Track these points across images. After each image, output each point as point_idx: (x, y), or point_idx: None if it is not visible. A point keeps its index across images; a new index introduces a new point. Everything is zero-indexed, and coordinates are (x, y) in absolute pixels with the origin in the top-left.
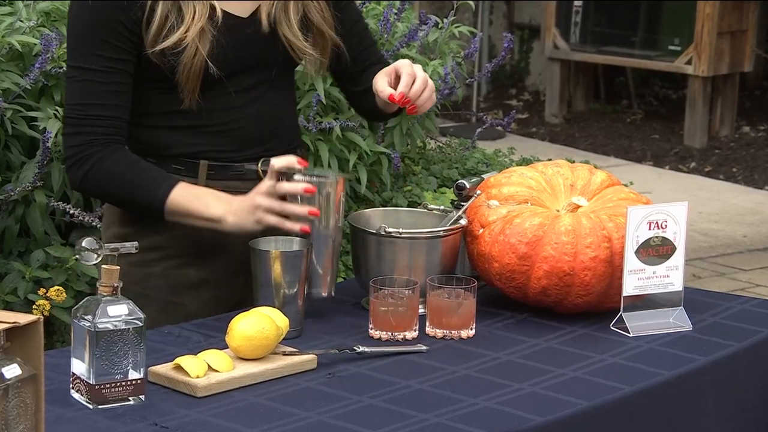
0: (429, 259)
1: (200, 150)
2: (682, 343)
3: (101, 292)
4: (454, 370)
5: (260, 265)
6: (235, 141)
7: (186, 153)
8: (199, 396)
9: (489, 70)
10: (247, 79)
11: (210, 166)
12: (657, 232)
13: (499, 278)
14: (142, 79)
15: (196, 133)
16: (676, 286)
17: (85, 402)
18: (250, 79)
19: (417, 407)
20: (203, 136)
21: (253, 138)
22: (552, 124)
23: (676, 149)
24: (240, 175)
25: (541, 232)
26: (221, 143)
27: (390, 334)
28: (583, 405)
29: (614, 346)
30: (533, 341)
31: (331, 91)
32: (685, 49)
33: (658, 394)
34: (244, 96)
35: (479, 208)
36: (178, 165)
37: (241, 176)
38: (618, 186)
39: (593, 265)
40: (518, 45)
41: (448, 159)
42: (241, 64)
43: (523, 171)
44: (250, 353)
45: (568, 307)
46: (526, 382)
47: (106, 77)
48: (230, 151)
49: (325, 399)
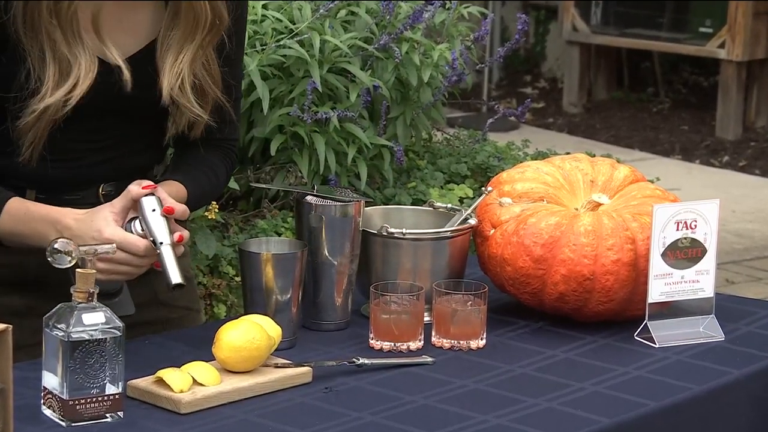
0: (435, 263)
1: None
2: (713, 354)
3: (76, 298)
4: (462, 384)
5: (250, 269)
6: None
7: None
8: (183, 412)
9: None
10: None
11: (37, 197)
12: (686, 232)
13: (512, 283)
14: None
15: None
16: (706, 291)
17: (58, 419)
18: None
19: (422, 425)
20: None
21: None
22: (570, 114)
23: (707, 142)
24: (74, 200)
25: (559, 232)
26: (53, 174)
27: (392, 345)
28: (605, 422)
29: (639, 357)
30: (550, 352)
31: (327, 78)
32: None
33: (686, 410)
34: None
35: (490, 206)
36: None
37: (76, 201)
38: (643, 182)
39: (615, 269)
40: (533, 27)
41: (457, 152)
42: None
43: (538, 166)
44: (239, 365)
45: (588, 315)
46: (542, 398)
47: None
48: (62, 181)
49: (322, 415)
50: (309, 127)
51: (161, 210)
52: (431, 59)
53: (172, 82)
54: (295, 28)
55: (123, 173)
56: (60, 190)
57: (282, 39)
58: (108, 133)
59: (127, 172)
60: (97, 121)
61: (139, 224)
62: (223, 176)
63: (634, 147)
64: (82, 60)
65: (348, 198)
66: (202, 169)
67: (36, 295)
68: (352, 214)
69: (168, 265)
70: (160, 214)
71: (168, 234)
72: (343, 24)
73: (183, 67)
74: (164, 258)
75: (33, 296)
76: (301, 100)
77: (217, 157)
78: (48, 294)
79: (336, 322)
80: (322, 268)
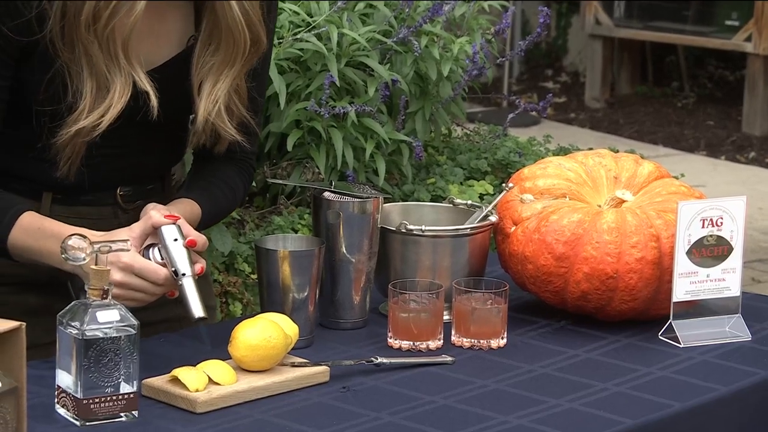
0: (455, 260)
1: (45, 180)
2: (739, 355)
3: (90, 295)
4: (483, 384)
5: (267, 266)
6: (90, 175)
7: (26, 179)
8: (199, 412)
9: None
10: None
11: (54, 198)
12: (711, 230)
13: (533, 282)
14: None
15: (39, 162)
16: (732, 290)
17: (72, 419)
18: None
19: (442, 425)
20: (49, 168)
21: (111, 172)
22: (593, 109)
23: (733, 137)
24: (91, 201)
25: (581, 230)
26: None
27: (411, 344)
28: (628, 424)
29: (663, 357)
30: (572, 352)
31: (345, 72)
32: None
33: (712, 412)
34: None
35: (511, 203)
36: (18, 185)
37: (93, 202)
38: (667, 178)
39: (639, 267)
40: (555, 20)
41: (477, 148)
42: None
43: (560, 161)
44: (256, 364)
45: (611, 314)
46: (564, 398)
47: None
48: (80, 184)
49: (339, 415)
50: (326, 122)
51: (183, 240)
52: (451, 53)
53: (209, 108)
54: (312, 21)
55: (142, 176)
56: (77, 193)
57: (299, 32)
58: (129, 139)
59: (146, 175)
60: (120, 130)
61: (158, 252)
62: (239, 191)
63: (658, 143)
64: (117, 82)
65: (366, 194)
66: (219, 185)
67: (50, 294)
68: (371, 211)
69: (190, 298)
70: (182, 245)
71: (190, 265)
72: (361, 17)
73: (220, 93)
74: (186, 291)
75: (48, 296)
76: (319, 95)
77: (233, 171)
78: (62, 294)
79: (354, 321)
80: (340, 266)
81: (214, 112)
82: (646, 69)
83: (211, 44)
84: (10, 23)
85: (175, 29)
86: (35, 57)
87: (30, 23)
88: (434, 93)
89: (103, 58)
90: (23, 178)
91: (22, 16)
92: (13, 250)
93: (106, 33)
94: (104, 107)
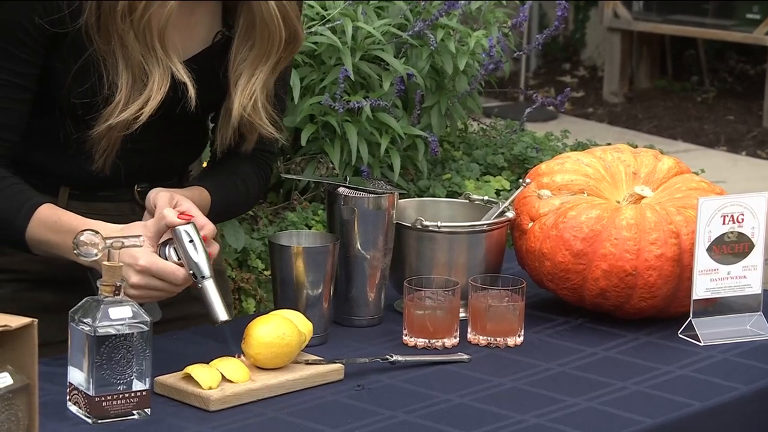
0: (471, 257)
1: (63, 173)
2: (760, 353)
3: (102, 292)
4: (499, 383)
5: (281, 263)
6: (109, 171)
7: (44, 173)
8: (212, 410)
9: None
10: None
11: (71, 194)
12: (732, 226)
13: (551, 279)
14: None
15: (60, 155)
16: (753, 288)
17: (84, 416)
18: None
19: (457, 424)
20: (68, 160)
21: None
22: (611, 104)
23: (753, 132)
24: (109, 197)
25: (600, 226)
26: (89, 172)
27: (427, 342)
28: (648, 423)
29: (683, 356)
30: (590, 350)
31: (360, 66)
32: (766, 17)
33: (733, 411)
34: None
35: (529, 198)
36: (35, 180)
37: (111, 198)
38: (687, 174)
39: (659, 264)
40: (573, 13)
41: (493, 143)
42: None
43: (578, 157)
44: (269, 362)
45: (630, 312)
46: (582, 397)
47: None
48: (98, 179)
49: (354, 414)
50: (341, 116)
51: (199, 239)
52: (467, 46)
53: (245, 103)
54: (326, 14)
55: (161, 172)
56: (95, 188)
57: (313, 26)
58: (152, 134)
59: (165, 171)
60: (144, 126)
61: (174, 251)
62: (255, 189)
63: (678, 138)
64: (155, 73)
65: (381, 190)
66: (233, 180)
67: (67, 291)
68: (386, 207)
69: (213, 300)
70: (200, 245)
71: (209, 267)
72: (376, 10)
73: (256, 87)
74: (209, 294)
75: (64, 293)
76: (333, 89)
77: (250, 167)
78: (79, 291)
79: (369, 318)
80: (355, 262)
81: (249, 107)
82: (665, 63)
83: (248, 41)
84: (46, 18)
85: (202, 24)
86: (65, 45)
87: (63, 17)
88: (450, 87)
89: (140, 49)
90: (41, 172)
91: (58, 12)
92: (31, 243)
93: (142, 23)
94: (143, 99)
